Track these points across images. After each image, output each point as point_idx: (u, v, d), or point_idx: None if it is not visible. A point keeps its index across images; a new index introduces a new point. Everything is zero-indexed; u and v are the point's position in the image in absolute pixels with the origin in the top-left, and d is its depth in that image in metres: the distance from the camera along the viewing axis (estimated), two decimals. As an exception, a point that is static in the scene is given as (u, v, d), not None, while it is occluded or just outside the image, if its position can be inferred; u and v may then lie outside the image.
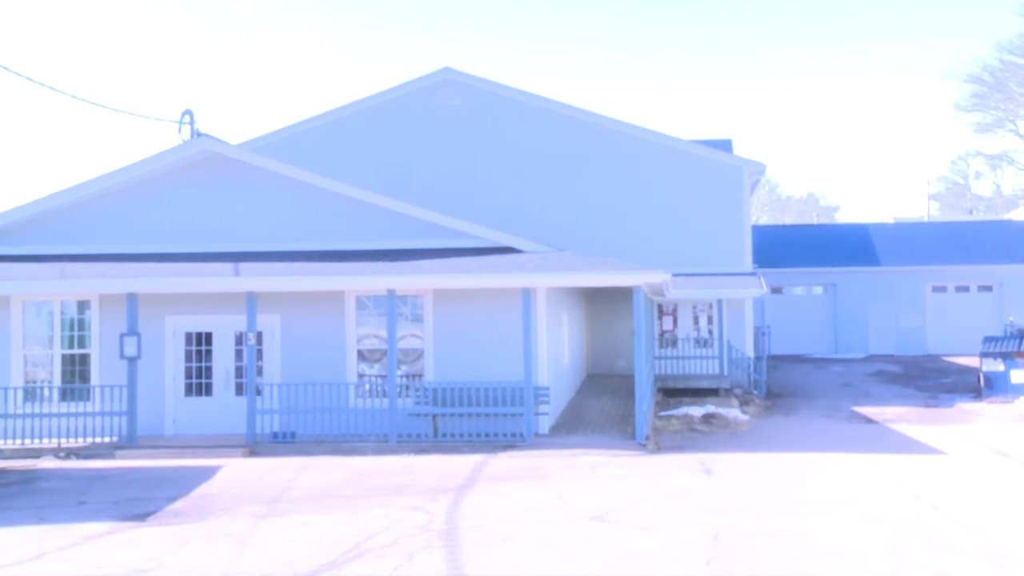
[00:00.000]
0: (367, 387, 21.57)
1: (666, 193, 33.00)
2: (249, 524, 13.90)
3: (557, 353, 24.59)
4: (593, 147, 33.03)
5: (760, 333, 33.86)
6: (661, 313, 33.32)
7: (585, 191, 32.93)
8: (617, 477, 17.12)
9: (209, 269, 21.16)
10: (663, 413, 25.51)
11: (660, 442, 21.24)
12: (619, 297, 31.90)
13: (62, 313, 22.13)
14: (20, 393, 21.38)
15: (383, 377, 21.40)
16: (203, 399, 21.95)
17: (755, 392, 31.15)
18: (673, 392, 30.52)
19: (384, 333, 21.30)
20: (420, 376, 21.69)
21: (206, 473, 17.87)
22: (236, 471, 18.14)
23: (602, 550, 12.26)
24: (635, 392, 21.30)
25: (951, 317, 46.70)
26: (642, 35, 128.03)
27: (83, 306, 22.14)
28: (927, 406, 28.56)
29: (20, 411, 21.05)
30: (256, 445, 20.28)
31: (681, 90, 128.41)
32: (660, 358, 32.38)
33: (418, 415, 20.90)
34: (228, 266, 21.28)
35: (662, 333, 33.19)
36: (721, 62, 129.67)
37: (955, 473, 17.64)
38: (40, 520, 14.42)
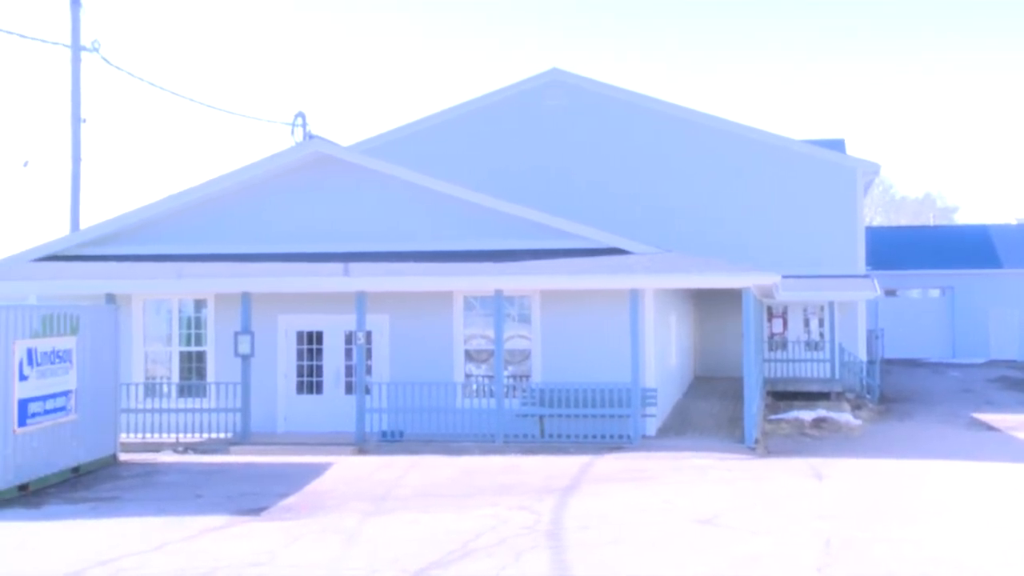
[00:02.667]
0: (474, 387, 21.70)
1: (775, 193, 32.51)
2: (358, 521, 14.10)
3: (664, 355, 24.40)
4: (700, 147, 32.71)
5: (873, 336, 33.15)
6: (770, 315, 32.84)
7: (692, 191, 32.62)
8: (725, 480, 16.91)
9: (320, 269, 21.54)
10: (772, 417, 25.12)
11: (769, 446, 20.90)
12: (728, 299, 31.50)
13: (180, 312, 22.79)
14: (141, 389, 22.08)
15: (490, 377, 21.51)
16: (314, 397, 22.37)
17: (868, 396, 30.46)
18: (782, 395, 30.05)
19: (491, 333, 21.40)
20: (527, 377, 21.74)
21: (317, 470, 18.19)
22: (345, 468, 18.42)
23: (711, 554, 12.11)
24: (744, 395, 21.02)
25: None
26: (751, 34, 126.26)
27: (199, 305, 22.77)
28: (1052, 413, 27.53)
29: (141, 406, 21.73)
30: (365, 443, 20.58)
31: (792, 90, 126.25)
32: (769, 361, 31.92)
33: (525, 416, 20.95)
34: (338, 266, 21.63)
35: (771, 335, 32.72)
36: (834, 60, 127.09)
37: (1081, 483, 16.96)
38: (161, 512, 14.86)
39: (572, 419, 20.77)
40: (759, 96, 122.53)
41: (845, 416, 25.04)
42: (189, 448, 20.80)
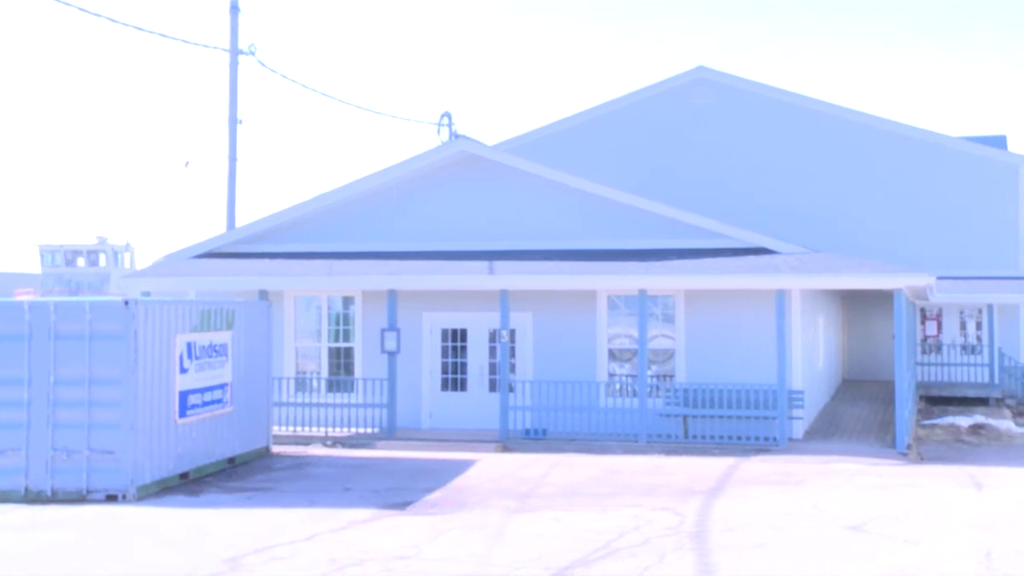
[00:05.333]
0: (617, 386, 21.63)
1: (929, 192, 31.43)
2: (502, 517, 14.21)
3: (811, 356, 23.86)
4: (849, 145, 31.85)
5: (1036, 341, 31.68)
6: (924, 318, 31.78)
7: (840, 190, 31.79)
8: (876, 486, 16.42)
9: (464, 267, 21.78)
10: (925, 422, 24.31)
11: (922, 452, 20.22)
12: (878, 300, 30.58)
13: (329, 308, 23.38)
14: (292, 383, 22.73)
15: (633, 377, 21.41)
16: (458, 394, 22.64)
17: (1029, 403, 29.18)
18: (936, 400, 29.10)
19: (635, 333, 21.29)
20: (670, 376, 21.56)
21: (461, 466, 18.41)
22: (489, 465, 18.58)
23: (862, 561, 11.78)
24: (895, 399, 20.40)
25: None
26: (905, 29, 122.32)
27: (348, 302, 23.30)
28: None
29: (292, 400, 22.37)
30: (508, 441, 20.73)
31: (951, 87, 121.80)
32: (922, 364, 30.90)
33: (668, 416, 20.78)
34: (483, 264, 21.83)
35: (924, 338, 31.65)
36: (998, 56, 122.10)
37: None
38: (311, 503, 15.28)
39: (716, 420, 20.51)
40: (913, 93, 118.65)
41: (1006, 423, 24.06)
42: (337, 442, 21.31)
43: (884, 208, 31.63)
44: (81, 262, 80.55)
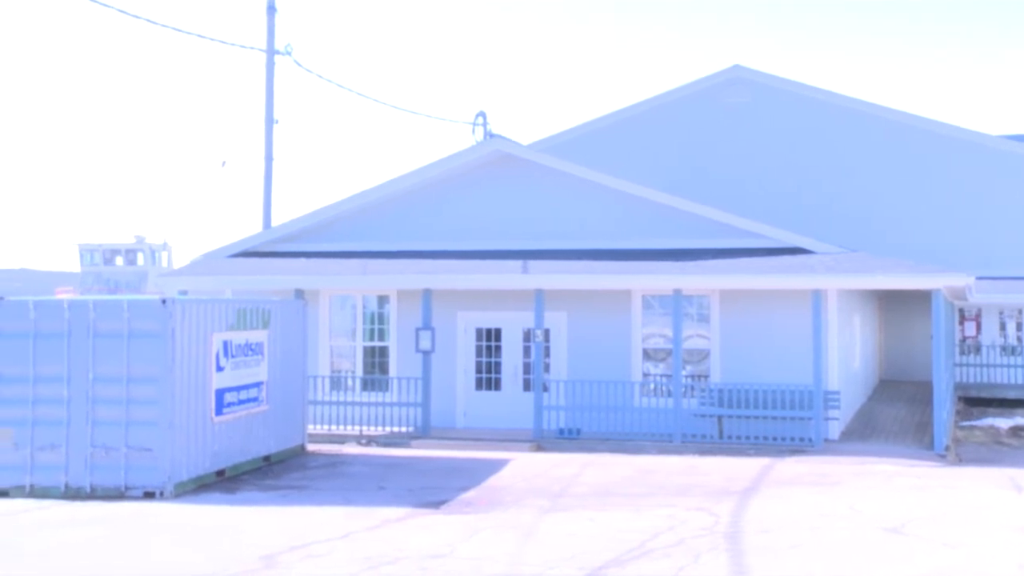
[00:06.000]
0: (651, 386, 21.58)
1: (968, 191, 31.07)
2: (535, 517, 14.22)
3: (848, 357, 23.69)
4: (886, 143, 31.53)
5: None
6: (962, 318, 31.43)
7: (877, 189, 31.49)
8: (914, 488, 16.28)
9: (499, 267, 21.80)
10: (964, 423, 24.06)
11: (961, 453, 20.01)
12: (915, 300, 30.28)
13: (364, 307, 23.47)
14: (327, 382, 22.84)
15: (667, 377, 21.34)
16: (492, 393, 22.66)
17: (1072, 405, 28.80)
18: (976, 401, 28.80)
19: (669, 332, 21.23)
20: (705, 377, 21.48)
21: (495, 466, 18.43)
22: (523, 465, 18.59)
23: (899, 564, 11.69)
24: (933, 399, 20.21)
25: None
26: (945, 27, 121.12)
27: (382, 301, 23.39)
28: None
29: (327, 398, 22.48)
30: (542, 440, 20.73)
31: (991, 85, 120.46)
32: (961, 365, 30.58)
33: (703, 416, 20.70)
34: (517, 264, 21.84)
35: (963, 339, 31.31)
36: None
37: None
38: (346, 502, 15.35)
39: (751, 420, 20.41)
40: (953, 91, 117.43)
41: (1045, 425, 23.76)
42: (372, 441, 21.40)
43: (922, 207, 31.30)
44: (120, 261, 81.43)
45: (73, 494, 15.66)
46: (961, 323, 31.35)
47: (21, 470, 15.78)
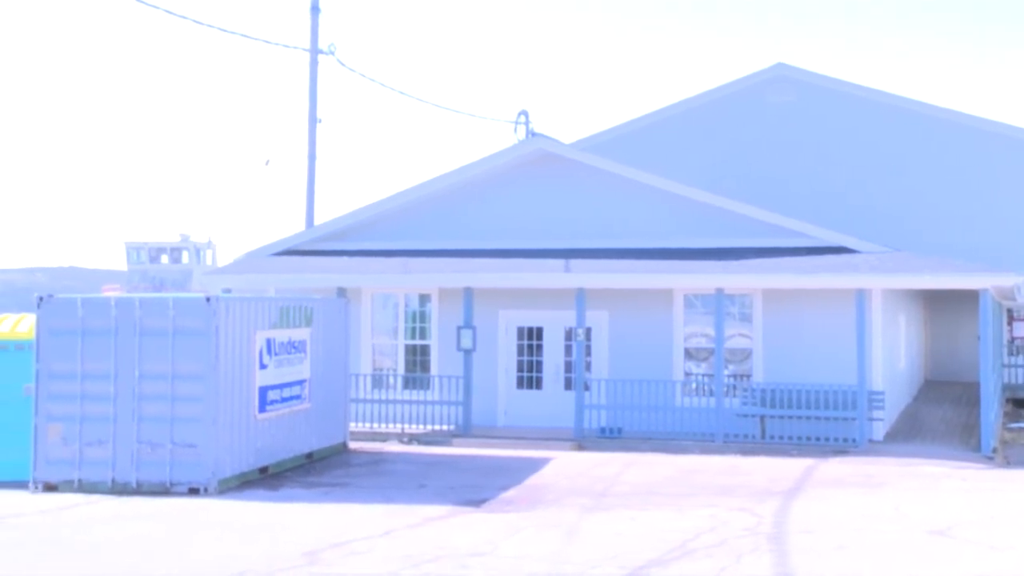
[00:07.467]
0: (693, 386, 21.49)
1: (1014, 189, 30.59)
2: (577, 516, 14.20)
3: (892, 357, 23.45)
4: (932, 141, 31.12)
5: None
6: (1010, 318, 30.99)
7: (923, 188, 31.08)
8: (960, 490, 16.09)
9: (540, 265, 21.79)
10: (1012, 425, 23.74)
11: (1009, 456, 19.74)
12: (962, 300, 29.91)
13: (405, 306, 23.56)
14: (369, 380, 22.95)
15: (709, 376, 21.24)
16: (533, 392, 22.66)
17: (1121, 407, 28.34)
18: None
19: (711, 332, 21.12)
20: (747, 376, 21.36)
21: (536, 464, 18.43)
22: (564, 464, 18.58)
23: (946, 567, 11.55)
24: (980, 401, 19.98)
25: None
26: (988, 23, 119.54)
27: (424, 299, 23.46)
28: None
29: (368, 396, 22.59)
30: (583, 439, 20.70)
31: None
32: (1009, 366, 30.16)
33: (745, 416, 20.58)
34: (559, 262, 21.82)
35: (1011, 339, 30.88)
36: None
37: None
38: (387, 499, 15.42)
39: (794, 420, 20.26)
40: (999, 88, 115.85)
41: (1095, 427, 23.40)
42: (413, 439, 21.47)
43: (969, 206, 30.87)
44: (165, 259, 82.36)
45: (120, 489, 15.86)
46: (1009, 323, 30.92)
47: (70, 465, 16.00)
